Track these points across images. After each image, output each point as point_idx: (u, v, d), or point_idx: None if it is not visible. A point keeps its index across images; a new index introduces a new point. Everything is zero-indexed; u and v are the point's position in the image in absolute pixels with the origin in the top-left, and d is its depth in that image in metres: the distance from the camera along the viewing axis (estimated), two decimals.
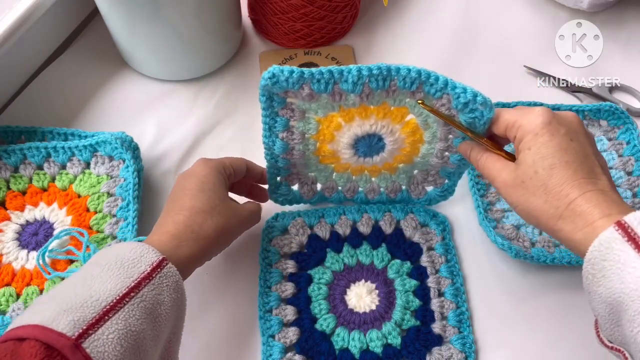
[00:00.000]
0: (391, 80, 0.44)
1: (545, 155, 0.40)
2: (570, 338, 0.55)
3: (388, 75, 0.44)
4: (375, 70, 0.44)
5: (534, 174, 0.40)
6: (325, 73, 0.44)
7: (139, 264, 0.40)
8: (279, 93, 0.47)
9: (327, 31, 0.74)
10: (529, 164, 0.40)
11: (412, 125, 0.50)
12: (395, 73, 0.44)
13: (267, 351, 0.52)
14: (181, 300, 0.43)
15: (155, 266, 0.41)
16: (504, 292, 0.57)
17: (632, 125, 0.66)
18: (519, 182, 0.41)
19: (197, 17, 0.64)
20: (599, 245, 0.36)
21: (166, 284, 0.41)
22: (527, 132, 0.41)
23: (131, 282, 0.39)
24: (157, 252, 0.42)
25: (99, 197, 0.59)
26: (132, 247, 0.42)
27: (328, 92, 0.45)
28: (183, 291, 0.43)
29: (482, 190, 0.62)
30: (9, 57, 0.64)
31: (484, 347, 0.54)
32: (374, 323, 0.54)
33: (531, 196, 0.40)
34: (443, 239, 0.59)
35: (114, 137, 0.59)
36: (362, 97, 0.45)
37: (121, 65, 0.73)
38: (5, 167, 0.60)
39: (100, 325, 0.35)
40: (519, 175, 0.41)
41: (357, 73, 0.44)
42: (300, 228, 0.59)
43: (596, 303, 0.38)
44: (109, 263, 0.40)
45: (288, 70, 0.44)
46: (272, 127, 0.50)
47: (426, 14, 0.80)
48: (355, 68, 0.44)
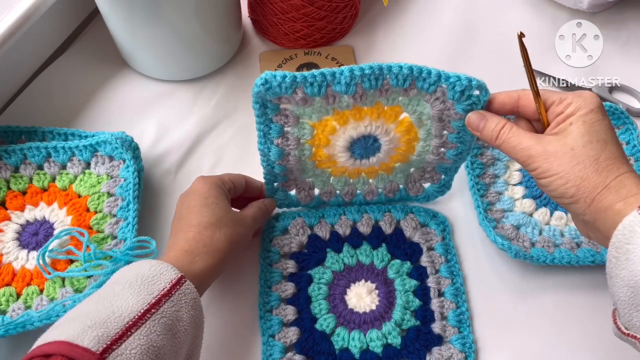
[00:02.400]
0: (383, 79, 0.44)
1: (600, 130, 0.41)
2: (570, 338, 0.55)
3: (380, 74, 0.44)
4: (367, 70, 0.44)
5: (589, 142, 0.40)
6: (317, 76, 0.44)
7: (158, 282, 0.41)
8: (272, 99, 0.47)
9: (327, 31, 0.74)
10: (583, 133, 0.41)
11: (407, 124, 0.50)
12: (387, 71, 0.44)
13: (267, 351, 0.52)
14: (199, 317, 0.44)
15: (174, 283, 0.42)
16: (504, 292, 0.57)
17: (632, 125, 0.66)
18: (567, 149, 0.41)
19: (197, 17, 0.64)
20: (623, 229, 0.37)
21: (184, 301, 0.42)
22: (582, 107, 0.41)
23: (152, 298, 0.40)
24: (175, 270, 0.43)
25: (99, 197, 0.59)
26: (152, 265, 0.43)
27: (321, 95, 0.45)
28: (201, 308, 0.44)
29: (482, 190, 0.62)
30: (9, 57, 0.64)
31: (483, 347, 0.54)
32: (374, 323, 0.54)
33: (579, 164, 0.40)
34: (443, 239, 0.59)
35: (114, 137, 0.59)
36: (355, 98, 0.45)
37: (121, 65, 0.73)
38: (5, 167, 0.60)
39: (124, 341, 0.36)
40: (568, 143, 0.41)
41: (349, 74, 0.44)
42: (301, 228, 0.59)
43: (618, 287, 0.38)
44: (130, 281, 0.41)
45: (280, 75, 0.44)
46: (267, 134, 0.50)
47: (426, 14, 0.80)
48: (347, 69, 0.44)
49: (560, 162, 0.41)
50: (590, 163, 0.40)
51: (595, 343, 0.54)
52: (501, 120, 0.44)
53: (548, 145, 0.42)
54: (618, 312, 0.40)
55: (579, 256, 0.56)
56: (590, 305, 0.56)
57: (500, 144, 0.44)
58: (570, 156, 0.40)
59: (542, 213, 0.61)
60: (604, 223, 0.39)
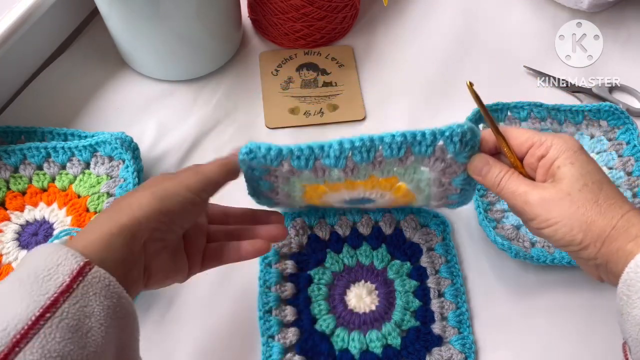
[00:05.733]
0: (376, 150, 0.42)
1: (591, 171, 0.40)
2: (570, 338, 0.55)
3: (372, 146, 0.42)
4: (357, 143, 0.41)
5: (584, 186, 0.40)
6: (304, 150, 0.42)
7: (55, 275, 0.34)
8: (259, 166, 0.44)
9: (327, 31, 0.74)
10: (576, 177, 0.40)
11: (404, 190, 0.48)
12: (379, 142, 0.41)
13: (266, 352, 0.52)
14: (120, 305, 0.36)
15: (75, 275, 0.34)
16: (504, 292, 0.57)
17: (632, 125, 0.66)
18: (564, 195, 0.40)
19: (197, 17, 0.64)
20: (635, 267, 0.36)
21: (93, 292, 0.34)
22: (565, 150, 0.41)
23: (46, 299, 0.33)
24: (78, 256, 0.35)
25: (98, 197, 0.59)
26: (48, 254, 0.35)
27: (309, 169, 0.43)
28: (120, 293, 0.36)
29: (482, 191, 0.62)
30: (9, 57, 0.64)
31: (484, 347, 0.54)
32: (373, 323, 0.54)
33: (580, 208, 0.39)
34: (443, 240, 0.59)
35: (114, 137, 0.59)
36: (346, 172, 0.43)
37: (121, 65, 0.73)
38: (5, 167, 0.60)
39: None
40: (563, 188, 0.40)
41: (338, 147, 0.41)
42: (300, 228, 0.59)
43: (629, 325, 0.37)
44: (21, 277, 0.34)
45: (265, 147, 0.42)
46: (257, 189, 0.48)
47: (426, 14, 0.80)
48: (337, 142, 0.41)
49: (560, 208, 0.40)
50: (591, 206, 0.39)
51: (595, 343, 0.54)
52: (504, 167, 0.43)
53: (544, 191, 0.41)
54: (629, 348, 0.39)
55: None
56: (590, 305, 0.56)
57: (500, 190, 0.43)
58: (569, 201, 0.39)
59: None
60: (616, 265, 0.38)
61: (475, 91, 0.44)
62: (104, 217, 0.39)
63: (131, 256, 0.38)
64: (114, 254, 0.37)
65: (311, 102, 0.70)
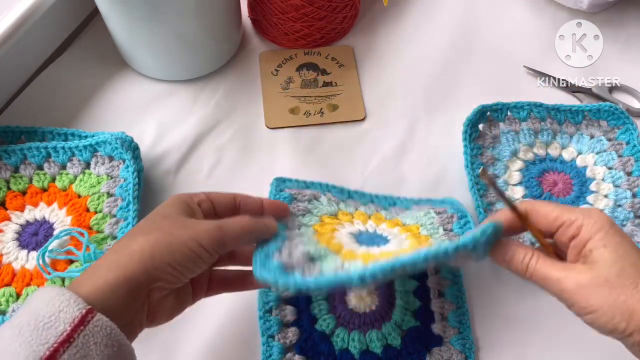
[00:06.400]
0: (398, 272, 0.39)
1: (627, 252, 0.38)
2: (570, 338, 0.55)
3: (394, 271, 0.38)
4: (379, 276, 0.38)
5: (622, 270, 0.37)
6: (323, 284, 0.39)
7: (56, 323, 0.33)
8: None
9: (327, 31, 0.74)
10: (611, 261, 0.38)
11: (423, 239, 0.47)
12: (401, 267, 0.38)
13: (266, 352, 0.52)
14: (120, 353, 0.35)
15: (77, 323, 0.33)
16: (504, 292, 0.57)
17: (632, 125, 0.66)
18: (601, 281, 0.37)
19: (197, 17, 0.64)
20: None
21: (94, 341, 0.34)
22: (597, 230, 0.39)
23: (45, 350, 0.32)
24: (80, 303, 0.34)
25: (99, 197, 0.59)
26: (51, 299, 0.34)
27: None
28: (120, 341, 0.35)
29: (482, 191, 0.62)
30: (8, 57, 0.64)
31: (484, 347, 0.54)
32: (374, 323, 0.54)
33: (620, 295, 0.37)
34: None
35: (114, 137, 0.59)
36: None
37: (121, 65, 0.73)
38: (5, 167, 0.60)
39: None
40: (600, 274, 0.38)
41: (359, 282, 0.38)
42: None
43: None
44: (21, 324, 0.33)
45: (283, 283, 0.39)
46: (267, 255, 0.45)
47: (426, 14, 0.80)
48: (358, 277, 0.37)
49: (599, 296, 0.37)
50: (631, 292, 0.37)
51: (595, 343, 0.54)
52: (528, 250, 0.41)
53: (579, 277, 0.38)
54: None
55: None
56: None
57: (530, 277, 0.41)
58: (608, 288, 0.37)
59: None
60: None
61: (491, 179, 0.42)
62: (111, 261, 0.38)
63: (135, 304, 0.38)
64: (118, 302, 0.37)
65: (311, 102, 0.70)
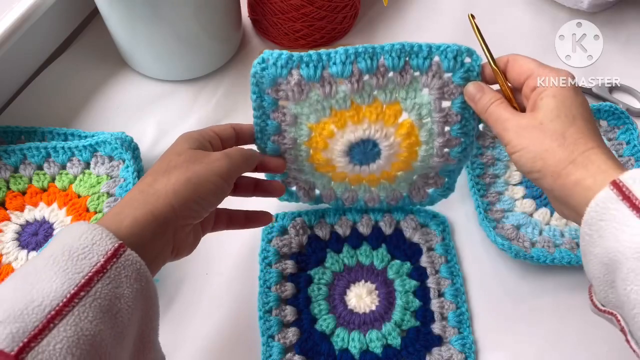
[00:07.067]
0: (378, 59, 0.45)
1: (570, 106, 0.41)
2: (570, 338, 0.55)
3: (374, 53, 0.45)
4: (360, 49, 0.45)
5: (556, 117, 0.40)
6: (313, 55, 0.45)
7: (90, 255, 0.34)
8: (269, 91, 0.47)
9: (327, 31, 0.74)
10: (551, 109, 0.41)
11: (407, 127, 0.49)
12: (380, 50, 0.45)
13: (266, 352, 0.52)
14: (147, 288, 0.37)
15: (110, 255, 0.35)
16: (504, 292, 0.57)
17: (632, 125, 0.66)
18: (536, 123, 0.41)
19: (197, 17, 0.64)
20: (595, 206, 0.36)
21: (125, 274, 0.35)
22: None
23: (81, 278, 0.33)
24: (112, 238, 0.36)
25: (98, 197, 0.59)
26: (82, 233, 0.35)
27: (317, 79, 0.45)
28: (148, 277, 0.37)
29: (482, 191, 0.62)
30: (8, 57, 0.64)
31: (483, 347, 0.54)
32: (373, 323, 0.54)
33: (546, 138, 0.40)
34: (443, 240, 0.59)
35: (114, 137, 0.59)
36: (352, 84, 0.45)
37: (121, 65, 0.73)
38: (5, 167, 0.60)
39: (45, 335, 0.31)
40: (537, 117, 0.41)
41: (344, 52, 0.45)
42: (300, 228, 0.59)
43: (592, 265, 0.38)
44: (55, 255, 0.34)
45: (277, 53, 0.45)
46: (264, 130, 0.49)
47: (426, 14, 0.80)
48: (342, 48, 0.45)
49: (529, 136, 0.41)
50: (557, 137, 0.40)
51: (595, 343, 0.54)
52: (497, 96, 0.45)
53: (521, 119, 0.42)
54: (594, 289, 0.40)
55: (579, 256, 0.56)
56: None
57: (487, 117, 0.44)
58: (539, 130, 0.40)
59: (542, 213, 0.61)
60: (573, 199, 0.39)
61: (476, 23, 0.46)
62: (139, 200, 0.40)
63: (162, 241, 0.40)
64: (146, 239, 0.38)
65: None
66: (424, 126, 0.49)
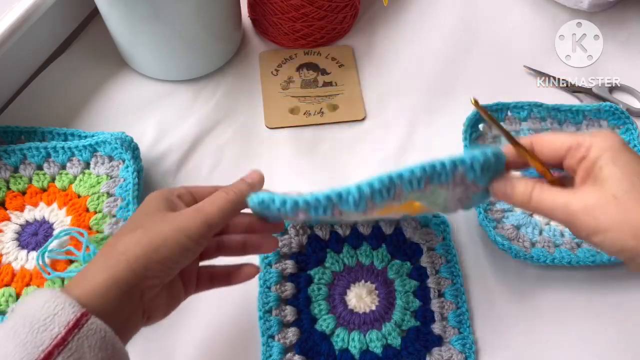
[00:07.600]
0: (395, 189, 0.39)
1: (636, 167, 0.37)
2: (571, 338, 0.55)
3: (391, 186, 0.39)
4: (377, 186, 0.39)
5: (631, 186, 0.36)
6: (322, 200, 0.39)
7: (51, 326, 0.33)
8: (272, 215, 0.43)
9: (327, 31, 0.74)
10: (620, 178, 0.37)
11: (418, 207, 0.45)
12: (399, 180, 0.39)
13: (266, 352, 0.52)
14: (114, 356, 0.35)
15: (72, 326, 0.33)
16: (504, 293, 0.57)
17: (632, 125, 0.66)
18: (610, 198, 0.36)
19: (197, 17, 0.64)
20: None
21: (87, 344, 0.34)
22: (607, 148, 0.38)
23: (40, 352, 0.32)
24: (75, 306, 0.34)
25: (98, 197, 0.59)
26: (45, 301, 0.34)
27: (327, 215, 0.41)
28: (115, 344, 0.35)
29: None
30: (8, 57, 0.64)
31: (483, 347, 0.54)
32: (373, 323, 0.54)
33: (628, 212, 0.36)
34: (443, 240, 0.59)
35: (114, 137, 0.59)
36: (365, 212, 0.41)
37: (121, 65, 0.73)
38: (5, 167, 0.60)
39: None
40: (607, 191, 0.37)
41: (357, 194, 0.39)
42: (300, 228, 0.59)
43: None
44: (16, 326, 0.33)
45: (280, 200, 0.40)
46: None
47: (426, 14, 0.80)
48: (355, 189, 0.39)
49: (607, 214, 0.36)
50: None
51: (596, 343, 0.54)
52: (529, 181, 0.40)
53: (586, 198, 0.37)
54: None
55: (579, 256, 0.56)
56: (590, 306, 0.56)
57: (536, 207, 0.40)
58: (617, 205, 0.36)
59: None
60: None
61: (484, 108, 0.42)
62: (100, 264, 0.38)
63: (129, 305, 0.38)
64: (110, 305, 0.37)
65: (311, 102, 0.70)
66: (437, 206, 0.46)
